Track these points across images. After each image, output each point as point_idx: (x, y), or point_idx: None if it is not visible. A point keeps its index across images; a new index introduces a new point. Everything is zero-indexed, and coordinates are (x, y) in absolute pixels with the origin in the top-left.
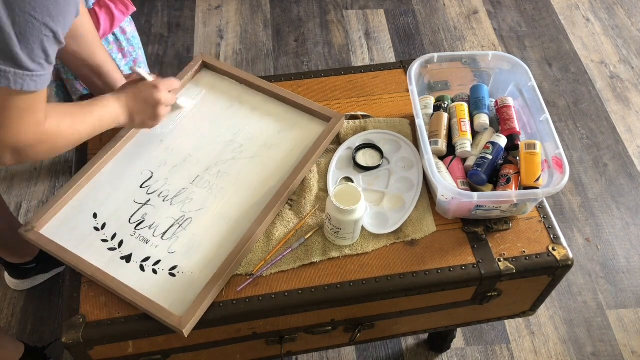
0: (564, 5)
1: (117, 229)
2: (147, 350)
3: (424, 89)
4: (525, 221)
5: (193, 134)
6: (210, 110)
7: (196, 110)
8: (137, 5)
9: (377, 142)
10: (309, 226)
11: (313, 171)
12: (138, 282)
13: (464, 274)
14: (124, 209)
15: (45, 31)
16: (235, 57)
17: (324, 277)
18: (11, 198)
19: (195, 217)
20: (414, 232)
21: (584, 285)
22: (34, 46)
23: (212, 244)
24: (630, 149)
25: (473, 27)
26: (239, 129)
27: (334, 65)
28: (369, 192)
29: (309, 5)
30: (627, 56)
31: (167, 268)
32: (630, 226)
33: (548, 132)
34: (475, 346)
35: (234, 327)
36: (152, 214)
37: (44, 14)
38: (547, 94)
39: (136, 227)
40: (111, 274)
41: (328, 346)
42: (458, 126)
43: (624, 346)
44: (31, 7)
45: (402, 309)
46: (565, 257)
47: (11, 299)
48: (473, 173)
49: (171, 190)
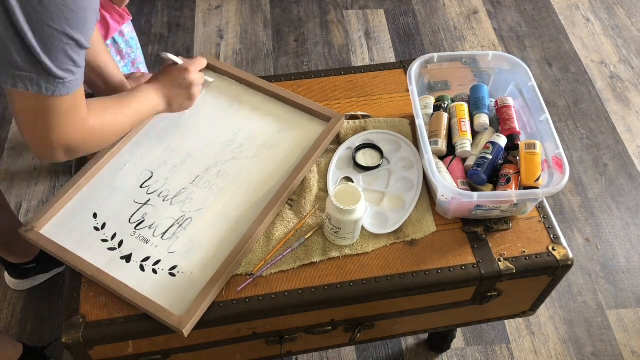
0: (564, 5)
1: (117, 229)
2: (147, 350)
3: (424, 89)
4: (525, 221)
5: (193, 134)
6: (210, 110)
7: (196, 109)
8: (137, 5)
9: (377, 142)
10: (308, 226)
11: (313, 171)
12: (138, 282)
13: (464, 274)
14: (124, 208)
15: (66, 40)
16: (235, 57)
17: (324, 277)
18: (11, 198)
19: (195, 217)
20: (414, 232)
21: (584, 285)
22: (57, 55)
23: (212, 244)
24: (630, 149)
25: (473, 27)
26: (239, 129)
27: (334, 65)
28: (369, 192)
29: (309, 5)
30: (627, 56)
31: (167, 268)
32: (630, 226)
33: (548, 132)
34: (475, 346)
35: (234, 327)
36: (152, 214)
37: (63, 24)
38: (547, 94)
39: (136, 227)
40: (111, 274)
41: (328, 346)
42: (458, 126)
43: (624, 346)
44: (50, 19)
45: (402, 309)
46: (565, 257)
47: (11, 299)
48: (473, 173)
49: (171, 190)
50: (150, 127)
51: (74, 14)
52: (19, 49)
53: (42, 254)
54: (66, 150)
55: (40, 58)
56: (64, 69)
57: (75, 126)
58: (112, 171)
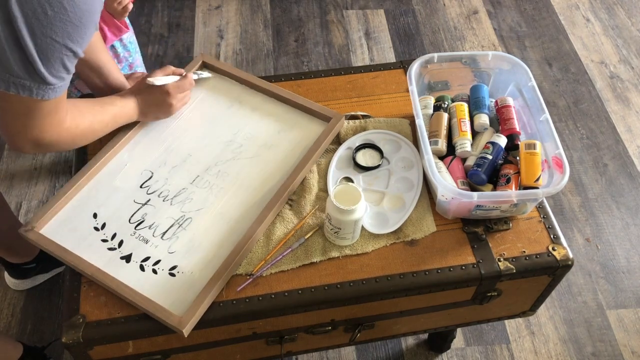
0: (564, 5)
1: (117, 229)
2: (147, 350)
3: (424, 89)
4: (525, 221)
5: (193, 134)
6: (210, 110)
7: (196, 110)
8: (137, 6)
9: (377, 142)
10: (309, 226)
11: (313, 171)
12: (138, 282)
13: (464, 274)
14: (123, 208)
15: (65, 51)
16: (235, 57)
17: (324, 277)
18: (11, 198)
19: (195, 217)
20: (414, 232)
21: (584, 285)
22: (54, 64)
23: (212, 244)
24: (630, 149)
25: (473, 27)
26: (239, 129)
27: (334, 65)
28: (369, 192)
29: (309, 5)
30: (627, 56)
31: (167, 268)
32: (630, 226)
33: (548, 132)
34: (475, 346)
35: (234, 327)
36: (152, 214)
37: (65, 37)
38: (547, 94)
39: (136, 227)
40: (111, 273)
41: (328, 346)
42: (458, 126)
43: (624, 346)
44: (53, 32)
45: (402, 309)
46: (565, 257)
47: (11, 299)
48: (473, 173)
49: (171, 191)
50: (150, 127)
51: (77, 29)
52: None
53: (42, 254)
54: (37, 146)
55: (37, 67)
56: (57, 76)
57: (52, 127)
58: (112, 171)
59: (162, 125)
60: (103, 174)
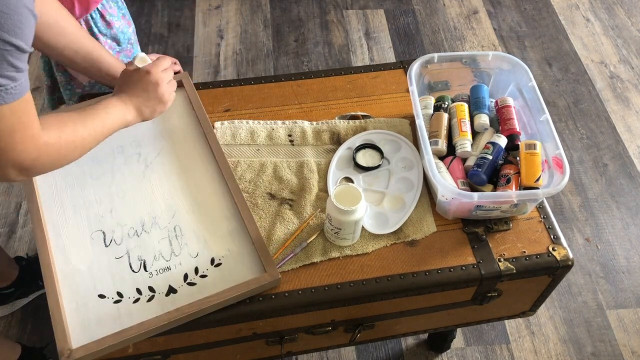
0: (564, 5)
1: (134, 286)
2: (147, 351)
3: (424, 89)
4: (525, 221)
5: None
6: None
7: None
8: (137, 5)
9: (377, 142)
10: (310, 228)
11: (313, 171)
12: (200, 294)
13: (464, 274)
14: (116, 271)
15: (4, 46)
16: (235, 57)
17: (324, 278)
18: (11, 198)
19: (179, 223)
20: (414, 232)
21: (584, 285)
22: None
23: (214, 231)
24: (630, 149)
25: (473, 27)
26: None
27: (334, 65)
28: (369, 193)
29: (309, 5)
30: (627, 56)
31: (206, 267)
32: (630, 226)
33: (548, 132)
34: (475, 346)
35: (234, 327)
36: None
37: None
38: (547, 94)
39: (144, 269)
40: (172, 308)
41: (328, 346)
42: (458, 126)
43: (623, 346)
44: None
45: (402, 309)
46: (565, 257)
47: None
48: (473, 173)
49: (134, 223)
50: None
51: (8, 17)
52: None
53: (21, 278)
54: (19, 170)
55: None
56: (4, 76)
57: (25, 144)
58: (72, 255)
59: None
60: (71, 268)
